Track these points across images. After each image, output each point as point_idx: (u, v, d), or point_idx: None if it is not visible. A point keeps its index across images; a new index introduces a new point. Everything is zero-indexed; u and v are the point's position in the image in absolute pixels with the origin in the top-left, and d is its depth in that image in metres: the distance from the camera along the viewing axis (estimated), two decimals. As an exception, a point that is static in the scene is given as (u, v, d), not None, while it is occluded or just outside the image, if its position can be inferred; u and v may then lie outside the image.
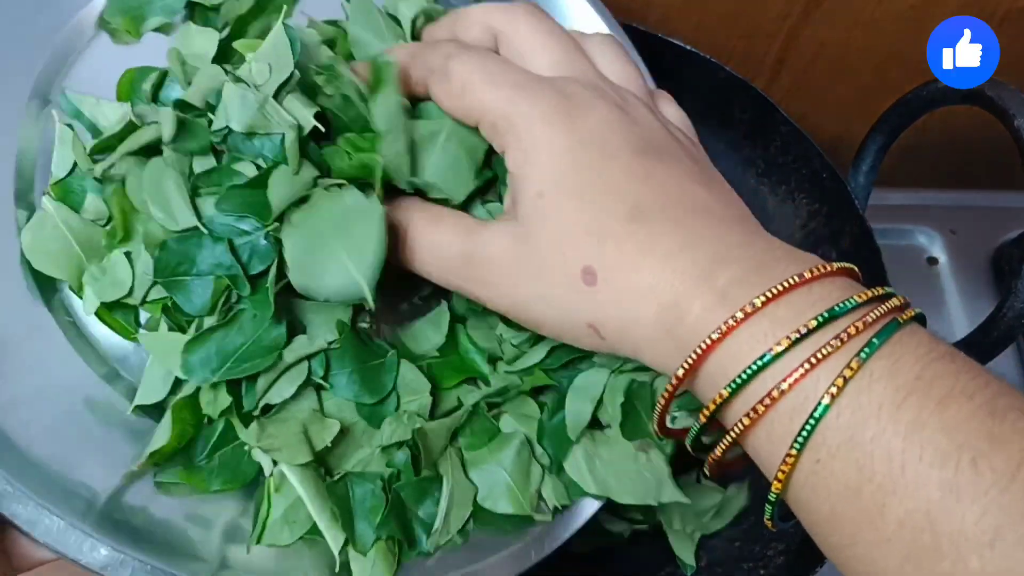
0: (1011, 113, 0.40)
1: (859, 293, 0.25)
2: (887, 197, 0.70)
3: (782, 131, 0.52)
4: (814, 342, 0.24)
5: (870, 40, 0.59)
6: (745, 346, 0.25)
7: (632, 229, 0.27)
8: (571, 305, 0.28)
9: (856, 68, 0.62)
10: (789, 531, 0.48)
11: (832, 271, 0.26)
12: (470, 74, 0.30)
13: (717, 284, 0.26)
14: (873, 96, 0.64)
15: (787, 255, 0.27)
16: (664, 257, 0.27)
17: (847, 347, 0.24)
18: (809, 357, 0.24)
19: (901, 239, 0.70)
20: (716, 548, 0.49)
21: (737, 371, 0.25)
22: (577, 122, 0.29)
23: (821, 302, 0.25)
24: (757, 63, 0.61)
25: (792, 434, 0.24)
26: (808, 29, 0.58)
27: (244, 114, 0.31)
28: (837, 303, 0.24)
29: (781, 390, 0.24)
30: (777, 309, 0.25)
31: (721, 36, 0.59)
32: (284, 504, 0.31)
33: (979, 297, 0.67)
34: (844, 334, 0.24)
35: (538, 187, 0.28)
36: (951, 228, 0.70)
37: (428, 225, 0.31)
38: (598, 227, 0.28)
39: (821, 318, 0.24)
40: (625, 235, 0.27)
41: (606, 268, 0.27)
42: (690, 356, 0.26)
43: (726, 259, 0.26)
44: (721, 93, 0.53)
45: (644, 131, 0.30)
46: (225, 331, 0.31)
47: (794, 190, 0.53)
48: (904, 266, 0.68)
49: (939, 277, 0.69)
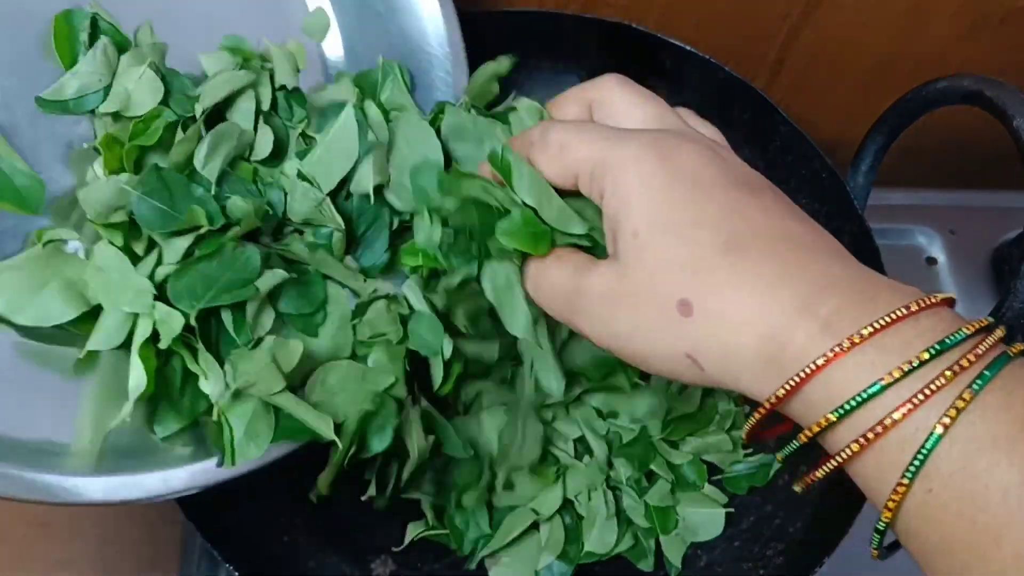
0: (1010, 113, 0.40)
1: (966, 325, 0.26)
2: (887, 197, 0.70)
3: (782, 131, 0.52)
4: (926, 373, 0.25)
5: (870, 40, 0.59)
6: (851, 374, 0.25)
7: (729, 261, 0.28)
8: (669, 337, 0.29)
9: (856, 68, 0.62)
10: (789, 531, 0.48)
11: (935, 303, 0.26)
12: (566, 136, 0.32)
13: (819, 314, 0.26)
14: (873, 96, 0.64)
15: (888, 287, 0.28)
16: (762, 288, 0.27)
17: (959, 378, 0.24)
18: (923, 388, 0.24)
19: (900, 239, 0.70)
20: (716, 547, 0.49)
21: (844, 398, 0.25)
22: (668, 161, 0.30)
23: (930, 333, 0.25)
24: (757, 63, 0.61)
25: (903, 463, 0.24)
26: (808, 29, 0.58)
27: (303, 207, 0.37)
28: (947, 335, 0.25)
29: (893, 419, 0.24)
30: (884, 339, 0.25)
31: (721, 36, 0.59)
32: (243, 423, 0.34)
33: (978, 297, 0.67)
34: (956, 365, 0.24)
35: (633, 226, 0.30)
36: (950, 228, 0.70)
37: (549, 264, 0.33)
38: (692, 260, 0.28)
39: (933, 350, 0.25)
40: (721, 267, 0.28)
41: (702, 300, 0.28)
42: (791, 380, 0.26)
43: (826, 290, 0.27)
44: (721, 93, 0.53)
45: (734, 168, 0.31)
46: (208, 262, 0.34)
47: (794, 190, 0.53)
48: (903, 266, 0.68)
49: (938, 277, 0.69)
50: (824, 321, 0.26)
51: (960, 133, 0.68)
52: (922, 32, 0.58)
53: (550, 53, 0.56)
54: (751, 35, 0.59)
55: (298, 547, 0.46)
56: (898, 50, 0.60)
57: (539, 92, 0.58)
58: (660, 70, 0.55)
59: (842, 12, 0.56)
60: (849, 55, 0.60)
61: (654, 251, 0.29)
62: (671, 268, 0.29)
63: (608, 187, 0.31)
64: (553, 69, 0.57)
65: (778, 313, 0.27)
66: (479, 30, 0.54)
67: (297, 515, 0.47)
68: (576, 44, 0.55)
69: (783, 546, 0.47)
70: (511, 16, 0.53)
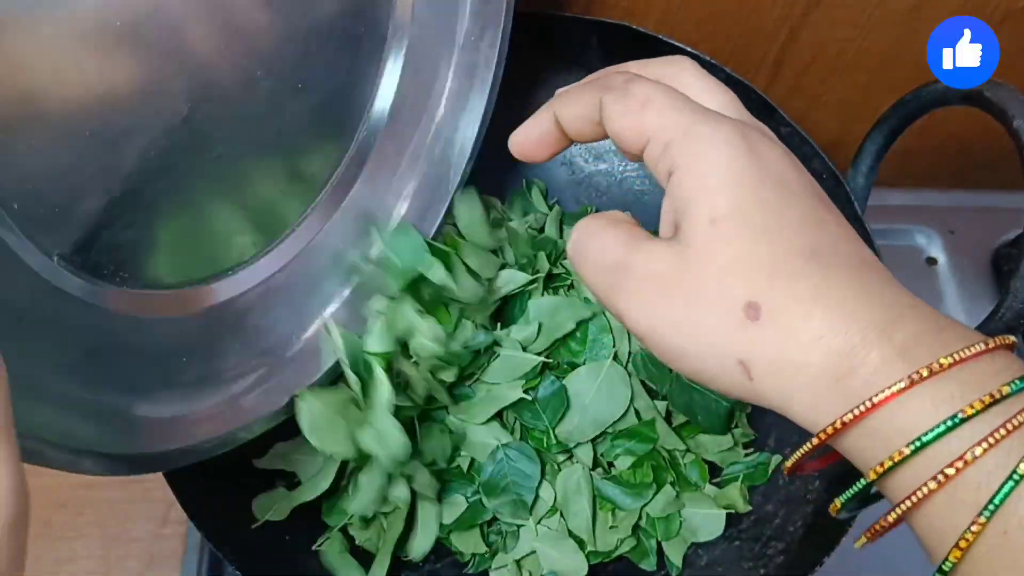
0: (1010, 114, 0.40)
1: None
2: (886, 197, 0.70)
3: (782, 132, 0.52)
4: (1005, 409, 0.24)
5: (869, 41, 0.59)
6: (928, 406, 0.24)
7: (811, 269, 0.26)
8: (725, 338, 0.27)
9: (855, 69, 0.62)
10: (789, 531, 0.48)
11: (1005, 344, 0.25)
12: (653, 94, 0.29)
13: (895, 339, 0.25)
14: (872, 97, 0.64)
15: (953, 323, 0.26)
16: (839, 303, 0.26)
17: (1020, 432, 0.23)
18: (1004, 423, 0.23)
19: (900, 239, 0.70)
20: (716, 547, 0.49)
21: (920, 430, 0.24)
22: (757, 155, 0.28)
23: (1006, 371, 0.24)
24: (756, 64, 0.61)
25: (980, 503, 0.23)
26: (807, 30, 0.58)
27: None
28: (1016, 378, 0.24)
29: (975, 455, 0.23)
30: (961, 373, 0.24)
31: (721, 37, 0.59)
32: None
33: (978, 297, 0.67)
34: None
35: (712, 212, 0.27)
36: (950, 228, 0.70)
37: (598, 228, 0.30)
38: (771, 263, 0.27)
39: (1015, 385, 0.24)
40: (800, 275, 0.26)
41: (775, 305, 0.26)
42: (859, 407, 0.25)
43: (902, 316, 0.26)
44: (721, 93, 0.54)
45: (813, 180, 0.30)
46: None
47: (794, 190, 0.53)
48: (903, 266, 0.68)
49: (938, 277, 0.69)
50: (900, 347, 0.25)
51: (960, 134, 0.68)
52: (922, 32, 0.58)
53: (551, 54, 0.56)
54: (751, 36, 0.59)
55: (300, 546, 0.47)
56: (898, 50, 0.60)
57: (539, 93, 0.58)
58: (660, 71, 0.55)
59: (842, 13, 0.56)
60: (849, 55, 0.60)
61: (732, 245, 0.27)
62: (748, 266, 0.27)
63: (686, 163, 0.28)
64: (553, 70, 0.57)
65: (853, 332, 0.25)
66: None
67: (299, 514, 0.47)
68: (577, 45, 0.55)
69: (783, 545, 0.47)
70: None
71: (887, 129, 0.48)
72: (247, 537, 0.45)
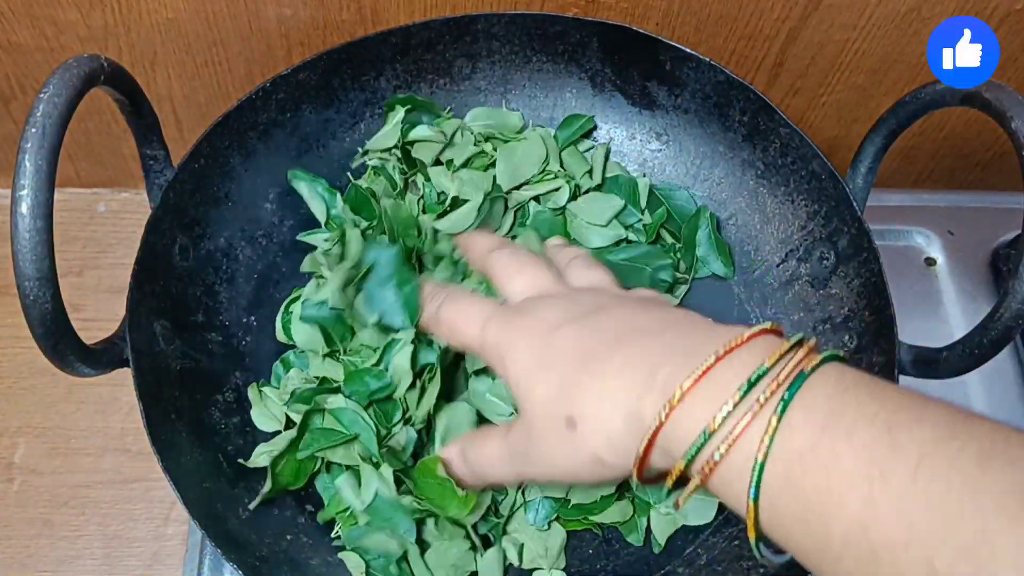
0: (1009, 115, 0.40)
1: (769, 356, 0.30)
2: (886, 198, 0.70)
3: (781, 133, 0.52)
4: (741, 411, 0.29)
5: (868, 42, 0.59)
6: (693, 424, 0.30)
7: (586, 371, 0.34)
8: (572, 449, 0.34)
9: (855, 70, 0.62)
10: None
11: (747, 339, 0.31)
12: (452, 317, 0.42)
13: (657, 384, 0.32)
14: (871, 98, 0.65)
15: (706, 338, 0.32)
16: (615, 380, 0.33)
17: (765, 409, 0.28)
18: (734, 425, 0.29)
19: (899, 240, 0.70)
20: (715, 547, 0.49)
21: (685, 447, 0.30)
22: (525, 321, 0.38)
23: (743, 372, 0.30)
24: (756, 65, 0.62)
25: (745, 488, 0.28)
26: (807, 31, 0.58)
27: None
28: (750, 375, 0.29)
29: (722, 453, 0.29)
30: (706, 391, 0.30)
31: (720, 38, 0.59)
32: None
33: (977, 297, 0.68)
34: (761, 396, 0.29)
35: (514, 384, 0.37)
36: (949, 229, 0.70)
37: (479, 443, 0.41)
38: (560, 384, 0.35)
39: (743, 390, 0.29)
40: (581, 380, 0.34)
41: (579, 411, 0.34)
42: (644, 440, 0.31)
43: (661, 363, 0.32)
44: (720, 95, 0.54)
45: (583, 300, 0.38)
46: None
47: (793, 191, 0.53)
48: (902, 267, 0.69)
49: (937, 278, 0.69)
50: (662, 388, 0.31)
51: (959, 134, 0.69)
52: (921, 33, 0.58)
53: (551, 55, 0.56)
54: (750, 37, 0.59)
55: (301, 546, 0.47)
56: (897, 51, 0.60)
57: (540, 94, 0.58)
58: (660, 72, 0.55)
59: (841, 14, 0.57)
60: (848, 56, 0.61)
61: (532, 391, 0.36)
62: (547, 399, 0.35)
63: (492, 362, 0.39)
64: (554, 71, 0.57)
65: (632, 394, 0.32)
66: (481, 31, 0.54)
67: (300, 514, 0.47)
68: (577, 46, 0.55)
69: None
70: (513, 18, 0.54)
71: (886, 130, 0.48)
72: (248, 536, 0.45)
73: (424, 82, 0.56)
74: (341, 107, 0.55)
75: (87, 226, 0.67)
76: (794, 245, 0.54)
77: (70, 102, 0.35)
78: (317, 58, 0.51)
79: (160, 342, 0.46)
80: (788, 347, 0.30)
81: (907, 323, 0.48)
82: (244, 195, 0.53)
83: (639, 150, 0.58)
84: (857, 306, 0.50)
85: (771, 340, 0.31)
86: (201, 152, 0.49)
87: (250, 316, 0.52)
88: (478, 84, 0.57)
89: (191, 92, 0.61)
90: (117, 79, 0.39)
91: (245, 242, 0.53)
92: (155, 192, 0.47)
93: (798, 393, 0.28)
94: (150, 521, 0.57)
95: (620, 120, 0.58)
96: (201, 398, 0.48)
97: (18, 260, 0.33)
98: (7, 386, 0.61)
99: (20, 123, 0.62)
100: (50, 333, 0.35)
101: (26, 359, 0.62)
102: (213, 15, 0.54)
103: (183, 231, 0.49)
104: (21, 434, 0.59)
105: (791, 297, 0.54)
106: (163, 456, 0.42)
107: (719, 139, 0.56)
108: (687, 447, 0.30)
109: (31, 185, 0.33)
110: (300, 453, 0.46)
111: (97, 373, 0.40)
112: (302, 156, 0.55)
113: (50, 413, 0.60)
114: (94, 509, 0.57)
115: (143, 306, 0.45)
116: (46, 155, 0.33)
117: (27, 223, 0.33)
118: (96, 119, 0.62)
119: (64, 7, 0.53)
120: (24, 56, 0.56)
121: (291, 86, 0.52)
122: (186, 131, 0.64)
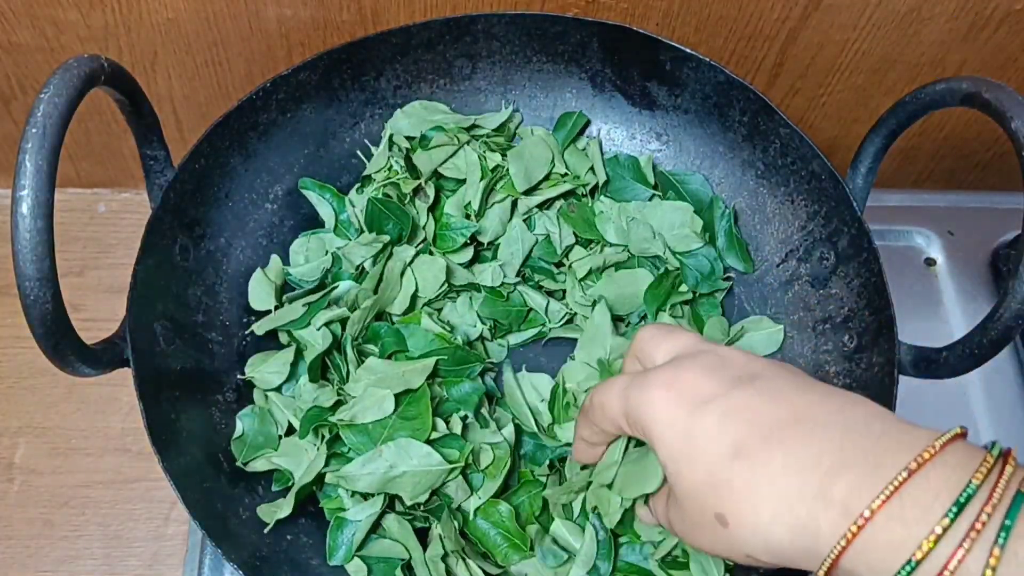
0: (1009, 115, 0.40)
1: (976, 472, 0.27)
2: (885, 198, 0.70)
3: (781, 133, 0.52)
4: (953, 538, 0.26)
5: (868, 42, 0.59)
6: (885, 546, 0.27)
7: (739, 468, 0.31)
8: (726, 546, 0.32)
9: (854, 70, 0.62)
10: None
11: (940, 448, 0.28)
12: (599, 398, 0.37)
13: (835, 498, 0.28)
14: (871, 98, 0.65)
15: (887, 440, 0.29)
16: (776, 484, 0.30)
17: (983, 536, 0.26)
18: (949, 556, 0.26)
19: (899, 240, 0.70)
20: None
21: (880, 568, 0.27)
22: (673, 387, 0.33)
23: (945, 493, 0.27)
24: (756, 66, 0.62)
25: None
26: (807, 31, 0.58)
27: None
28: (957, 496, 0.26)
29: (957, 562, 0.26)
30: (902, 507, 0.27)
31: (721, 39, 0.59)
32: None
33: (977, 298, 0.68)
34: (978, 523, 0.26)
35: (664, 459, 0.34)
36: (949, 229, 0.70)
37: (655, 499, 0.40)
38: (710, 477, 0.32)
39: (951, 515, 0.26)
40: (734, 477, 0.31)
41: (731, 511, 0.31)
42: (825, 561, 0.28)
43: (836, 469, 0.29)
44: (721, 95, 0.54)
45: (733, 364, 0.34)
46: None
47: (793, 192, 0.53)
48: (902, 267, 0.69)
49: (937, 278, 0.69)
50: (842, 503, 0.28)
51: (959, 135, 0.69)
52: (920, 34, 0.58)
53: (552, 55, 0.56)
54: (750, 37, 0.59)
55: (301, 546, 0.47)
56: (897, 52, 0.60)
57: (540, 94, 0.58)
58: (661, 72, 0.55)
59: (841, 14, 0.57)
60: (848, 57, 0.61)
61: (682, 479, 0.33)
62: (698, 489, 0.32)
63: (642, 434, 0.35)
64: (554, 71, 0.57)
65: (798, 505, 0.29)
66: (481, 31, 0.54)
67: (300, 513, 0.47)
68: (577, 46, 0.55)
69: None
70: (513, 18, 0.54)
71: (886, 130, 0.48)
72: (248, 536, 0.45)
73: (424, 82, 0.56)
74: (341, 107, 0.55)
75: (87, 226, 0.67)
76: (794, 245, 0.54)
77: (70, 102, 0.35)
78: (317, 58, 0.51)
79: (160, 342, 0.46)
80: (993, 461, 0.27)
81: (907, 323, 0.48)
82: (244, 195, 0.53)
83: (639, 150, 0.58)
84: (857, 306, 0.50)
85: (965, 449, 0.28)
86: (201, 152, 0.49)
87: (251, 316, 0.52)
88: (478, 84, 0.57)
89: (191, 92, 0.61)
90: (117, 79, 0.39)
91: (245, 242, 0.53)
92: (155, 192, 0.47)
93: (1019, 518, 0.26)
94: (150, 521, 0.57)
95: (620, 120, 0.58)
96: (201, 398, 0.48)
97: (18, 260, 0.33)
98: (7, 386, 0.61)
99: (20, 123, 0.62)
100: (50, 333, 0.35)
101: (26, 359, 0.62)
102: (213, 15, 0.54)
103: (183, 231, 0.49)
104: (21, 434, 0.59)
105: (791, 297, 0.54)
106: (163, 456, 0.42)
107: (719, 139, 0.56)
108: (883, 569, 0.27)
109: (31, 185, 0.33)
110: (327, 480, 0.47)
111: (97, 373, 0.40)
112: (302, 156, 0.55)
113: (50, 413, 0.60)
114: (94, 509, 0.57)
115: (143, 306, 0.45)
116: (46, 155, 0.33)
117: (27, 223, 0.33)
118: (96, 119, 0.62)
119: (64, 7, 0.53)
120: (24, 56, 0.56)
121: (291, 86, 0.52)
122: (186, 131, 0.64)
